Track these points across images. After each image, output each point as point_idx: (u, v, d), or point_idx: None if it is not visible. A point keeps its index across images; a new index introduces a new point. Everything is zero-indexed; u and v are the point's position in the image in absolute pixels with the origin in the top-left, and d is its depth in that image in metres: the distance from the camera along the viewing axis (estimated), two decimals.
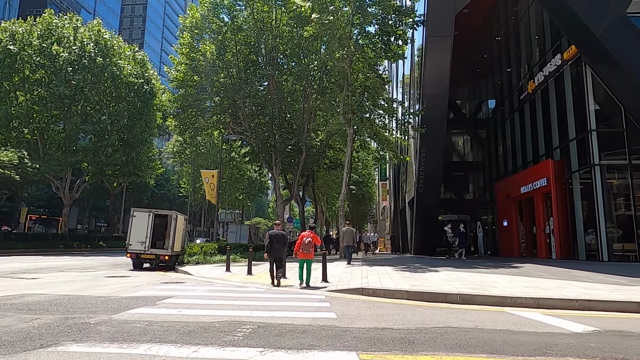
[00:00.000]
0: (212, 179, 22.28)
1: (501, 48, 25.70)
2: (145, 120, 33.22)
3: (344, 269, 13.69)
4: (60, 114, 29.31)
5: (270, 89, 24.68)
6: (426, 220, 22.99)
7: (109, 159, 30.91)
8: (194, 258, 16.73)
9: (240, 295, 8.41)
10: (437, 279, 10.08)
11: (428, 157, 21.16)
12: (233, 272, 13.44)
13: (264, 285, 10.29)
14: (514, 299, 7.55)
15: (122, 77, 30.90)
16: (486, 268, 13.05)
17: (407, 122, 19.95)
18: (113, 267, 16.60)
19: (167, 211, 16.73)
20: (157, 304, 7.11)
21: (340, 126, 19.29)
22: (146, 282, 10.77)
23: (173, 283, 10.76)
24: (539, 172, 19.19)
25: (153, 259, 15.90)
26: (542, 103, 19.64)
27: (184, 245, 17.68)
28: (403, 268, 13.17)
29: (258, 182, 67.65)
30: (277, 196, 25.66)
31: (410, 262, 16.01)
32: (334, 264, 15.88)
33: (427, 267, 13.51)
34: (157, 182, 66.95)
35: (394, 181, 40.18)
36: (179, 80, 23.64)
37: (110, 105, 31.51)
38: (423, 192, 22.11)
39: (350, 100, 19.52)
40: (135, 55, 33.91)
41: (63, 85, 27.70)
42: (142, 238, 15.87)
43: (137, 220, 16.09)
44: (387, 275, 11.22)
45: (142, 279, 11.91)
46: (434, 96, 19.97)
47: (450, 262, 16.59)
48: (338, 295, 8.71)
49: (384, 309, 6.90)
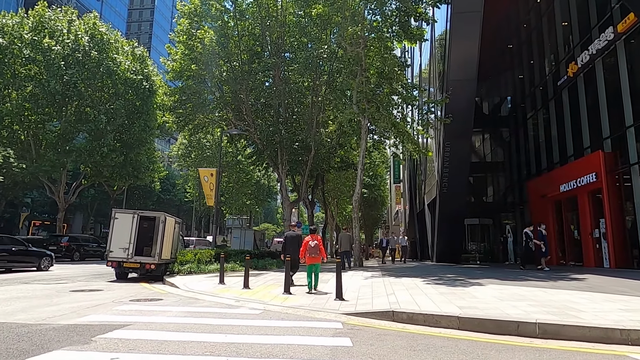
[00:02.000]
0: (211, 178, 20.01)
1: (530, 33, 23.17)
2: (145, 119, 31.23)
3: (363, 281, 11.26)
4: (53, 111, 27.46)
5: (275, 81, 22.46)
6: (450, 223, 20.43)
7: (105, 160, 28.93)
8: (186, 267, 14.42)
9: (223, 324, 6.05)
10: (488, 297, 7.61)
11: (453, 151, 18.67)
12: (227, 285, 11.10)
13: (260, 304, 7.92)
14: (625, 332, 5.06)
15: (119, 73, 28.99)
16: (540, 280, 10.50)
17: (429, 112, 17.51)
18: (93, 278, 14.38)
19: (155, 213, 14.49)
20: (92, 341, 4.78)
21: (353, 116, 16.92)
22: (112, 300, 8.47)
23: (145, 301, 8.45)
24: (584, 166, 16.58)
25: (138, 268, 13.65)
26: (587, 87, 17.06)
27: (175, 252, 15.41)
28: (435, 280, 10.69)
29: (266, 187, 65.69)
30: (283, 197, 23.34)
31: (440, 272, 13.50)
32: (348, 274, 13.45)
33: (464, 278, 11.01)
34: (163, 187, 65.29)
35: (410, 183, 37.59)
36: (175, 70, 21.54)
37: (106, 102, 29.61)
38: (447, 192, 19.59)
39: (364, 88, 17.20)
40: (135, 50, 32.06)
41: (55, 80, 25.86)
42: (125, 244, 13.62)
43: (119, 223, 13.86)
44: (418, 290, 8.77)
45: (112, 294, 9.62)
46: (460, 82, 17.54)
47: (492, 272, 14.03)
48: (359, 321, 6.30)
49: (437, 352, 4.48)
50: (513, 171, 25.59)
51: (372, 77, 17.84)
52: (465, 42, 17.04)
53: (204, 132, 26.44)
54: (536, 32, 22.51)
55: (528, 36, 23.57)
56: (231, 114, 23.24)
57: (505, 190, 27.37)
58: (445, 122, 17.41)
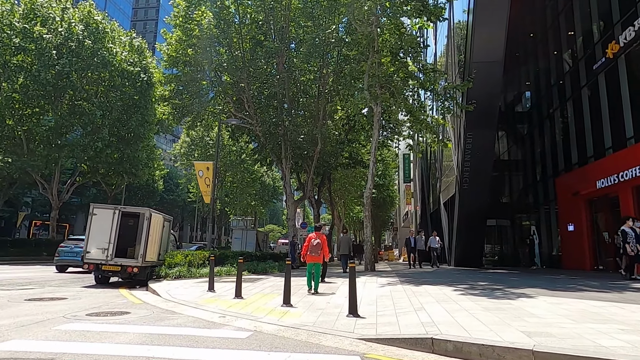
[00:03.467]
0: (207, 173, 18.25)
1: (557, 16, 21.16)
2: (142, 113, 29.58)
3: (379, 290, 9.38)
4: (44, 103, 25.92)
5: (279, 69, 20.69)
6: (471, 224, 18.45)
7: (99, 156, 27.34)
8: (175, 271, 12.66)
9: (191, 358, 4.24)
10: (552, 315, 5.70)
11: (476, 142, 16.73)
12: (217, 293, 9.31)
13: (251, 320, 6.11)
14: None
15: (115, 64, 27.41)
16: (598, 291, 8.55)
17: (449, 98, 15.60)
18: (72, 282, 12.68)
19: (139, 208, 12.76)
20: None
21: (364, 103, 15.07)
22: (64, 314, 6.69)
23: (106, 316, 6.66)
24: (628, 159, 14.56)
25: (118, 272, 11.91)
26: (631, 68, 15.05)
27: (164, 253, 13.66)
28: (467, 289, 8.79)
29: (271, 187, 64.09)
30: (287, 195, 21.52)
31: (467, 279, 11.58)
32: (360, 280, 11.57)
33: (502, 287, 9.09)
34: (167, 186, 63.96)
35: (422, 181, 35.57)
36: (171, 56, 19.84)
37: (101, 95, 28.03)
38: (468, 189, 17.65)
39: (377, 71, 15.36)
40: (133, 42, 30.50)
41: (46, 70, 24.32)
42: (104, 243, 11.90)
43: (97, 219, 12.14)
44: (453, 303, 6.88)
45: (73, 304, 7.86)
46: (485, 65, 15.62)
47: (530, 279, 12.09)
48: (386, 352, 4.46)
49: None
50: (535, 169, 23.53)
51: (385, 59, 15.99)
52: (491, 17, 15.12)
53: (203, 126, 24.71)
54: (564, 15, 20.51)
55: (554, 20, 21.56)
56: (231, 105, 21.53)
57: (525, 189, 25.33)
58: (467, 110, 15.49)
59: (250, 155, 34.35)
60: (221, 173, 52.67)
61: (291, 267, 7.76)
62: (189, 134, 51.10)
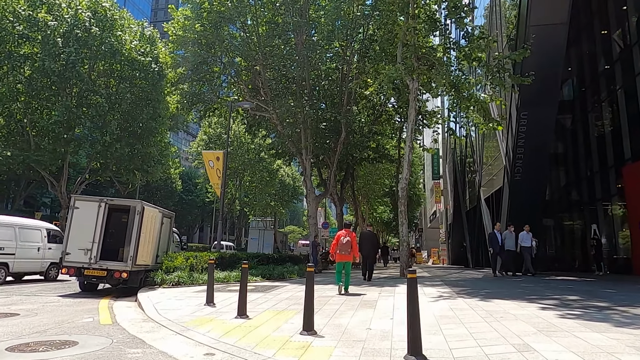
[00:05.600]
0: (217, 163, 16.07)
1: None
2: (154, 106, 27.82)
3: (434, 306, 6.85)
4: (50, 95, 24.45)
5: (298, 48, 18.39)
6: (523, 221, 15.58)
7: (108, 150, 25.70)
8: (173, 276, 10.47)
9: None
10: None
11: (532, 124, 14.01)
12: (217, 308, 7.05)
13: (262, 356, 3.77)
14: None
15: (124, 53, 25.74)
16: None
17: (501, 70, 12.95)
18: (51, 289, 10.70)
19: (130, 200, 10.68)
20: None
21: (399, 75, 12.57)
22: None
23: (39, 349, 4.44)
24: None
25: (104, 277, 9.82)
26: None
27: (163, 254, 11.53)
28: (559, 307, 6.22)
29: (291, 187, 62.18)
30: (307, 190, 19.17)
31: (538, 289, 8.93)
32: (399, 289, 9.08)
33: (607, 303, 6.47)
34: (185, 187, 62.81)
35: (454, 177, 32.62)
36: (178, 35, 17.83)
37: (111, 86, 26.43)
38: (521, 179, 14.90)
39: (413, 39, 12.87)
40: (144, 31, 28.83)
41: (50, 59, 22.82)
42: (87, 243, 9.86)
43: (80, 214, 10.10)
44: (570, 336, 4.35)
45: (16, 324, 5.72)
46: (546, 28, 12.92)
47: (625, 291, 9.37)
48: None
49: None
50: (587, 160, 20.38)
51: (421, 25, 13.50)
52: None
53: (217, 116, 22.70)
54: None
55: None
56: (246, 92, 19.39)
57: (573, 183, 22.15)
58: (524, 83, 12.79)
59: (267, 149, 32.22)
60: (239, 172, 50.99)
61: (314, 273, 5.43)
62: (206, 132, 49.80)
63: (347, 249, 8.48)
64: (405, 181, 13.14)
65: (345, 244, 8.48)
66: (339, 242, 8.56)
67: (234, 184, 54.23)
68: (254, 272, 12.53)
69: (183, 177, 62.62)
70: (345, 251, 8.49)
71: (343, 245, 8.48)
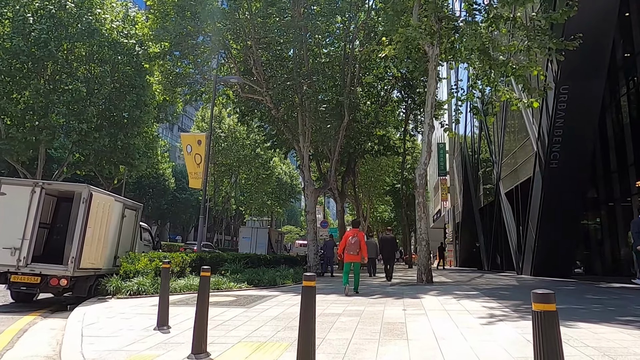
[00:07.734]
0: (197, 148, 13.52)
1: None
2: (138, 93, 25.37)
3: (496, 332, 4.49)
4: (20, 78, 22.03)
5: (295, 20, 16.01)
6: (558, 218, 13.30)
7: (86, 140, 23.28)
8: (132, 283, 8.11)
9: None
10: None
11: (573, 100, 11.72)
12: (171, 335, 4.69)
13: None
14: None
15: (103, 33, 23.35)
16: None
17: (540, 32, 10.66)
18: None
19: (74, 185, 8.33)
20: None
21: (416, 36, 10.26)
22: None
23: None
24: None
25: (38, 284, 7.46)
26: None
27: (125, 254, 9.15)
28: None
29: (288, 185, 59.99)
30: (305, 182, 16.80)
31: (611, 304, 6.64)
32: (427, 301, 6.75)
33: None
34: (179, 185, 60.37)
35: (464, 172, 30.30)
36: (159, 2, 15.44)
37: (89, 69, 24.02)
38: (558, 167, 12.60)
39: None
40: (129, 12, 26.44)
41: (19, 37, 20.45)
42: (15, 240, 7.48)
43: (6, 202, 7.71)
44: None
45: None
46: None
47: None
48: None
49: None
50: None
51: None
52: None
53: (204, 100, 20.35)
54: None
55: None
56: (236, 71, 17.04)
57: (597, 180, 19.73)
58: (569, 48, 10.47)
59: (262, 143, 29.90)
60: (234, 169, 48.64)
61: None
62: (199, 126, 47.38)
63: (356, 249, 8.25)
64: (424, 167, 10.83)
65: (354, 244, 8.25)
66: (347, 242, 8.35)
67: (229, 181, 51.81)
68: (240, 277, 10.18)
69: (177, 175, 60.18)
70: (353, 251, 8.24)
71: (352, 245, 8.27)
